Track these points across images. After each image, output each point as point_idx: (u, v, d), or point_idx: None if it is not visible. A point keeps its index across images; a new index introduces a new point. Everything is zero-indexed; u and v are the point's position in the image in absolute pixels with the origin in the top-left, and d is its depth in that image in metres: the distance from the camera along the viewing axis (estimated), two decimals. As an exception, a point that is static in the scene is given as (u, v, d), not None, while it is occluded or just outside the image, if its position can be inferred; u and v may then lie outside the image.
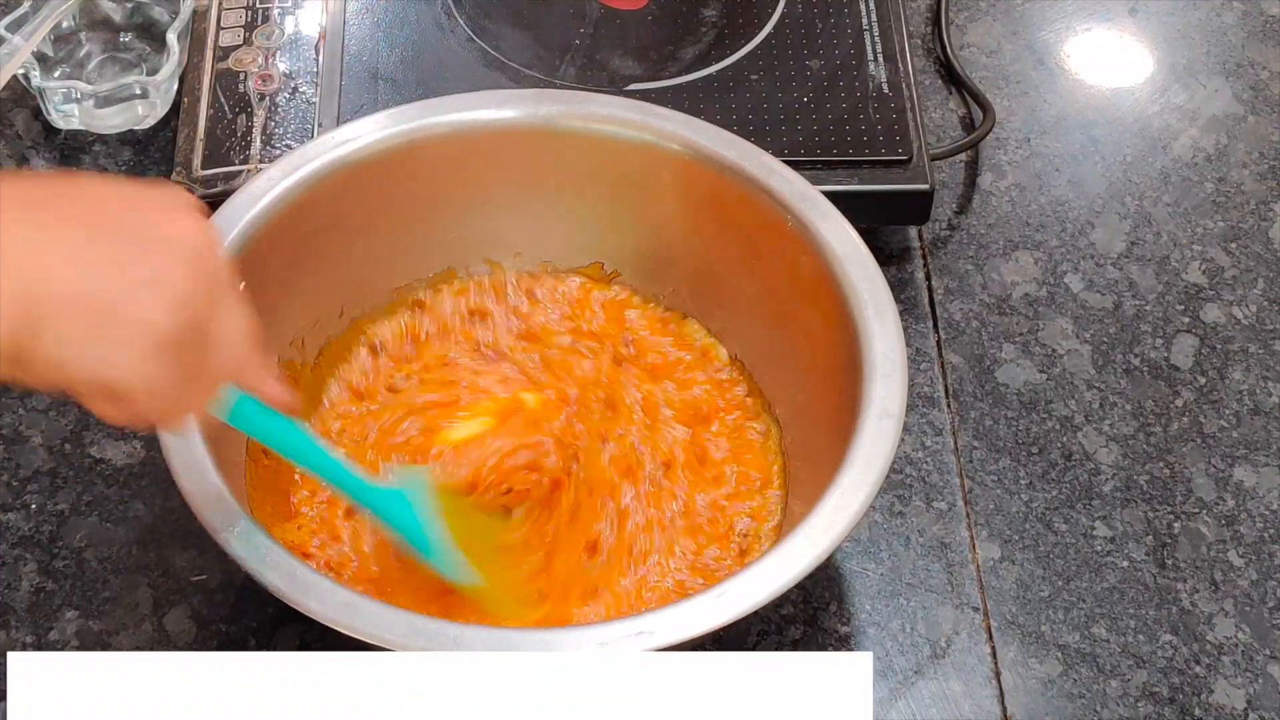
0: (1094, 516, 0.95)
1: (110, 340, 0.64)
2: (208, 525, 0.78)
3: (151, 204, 0.68)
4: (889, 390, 0.83)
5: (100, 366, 0.65)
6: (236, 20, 1.09)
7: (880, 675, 0.89)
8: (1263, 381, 1.01)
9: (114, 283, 0.64)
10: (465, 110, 0.95)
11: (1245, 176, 1.11)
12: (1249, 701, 0.89)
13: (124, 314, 0.64)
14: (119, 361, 0.65)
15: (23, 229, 0.63)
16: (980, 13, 1.19)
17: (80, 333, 0.63)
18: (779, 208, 0.91)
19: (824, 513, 0.79)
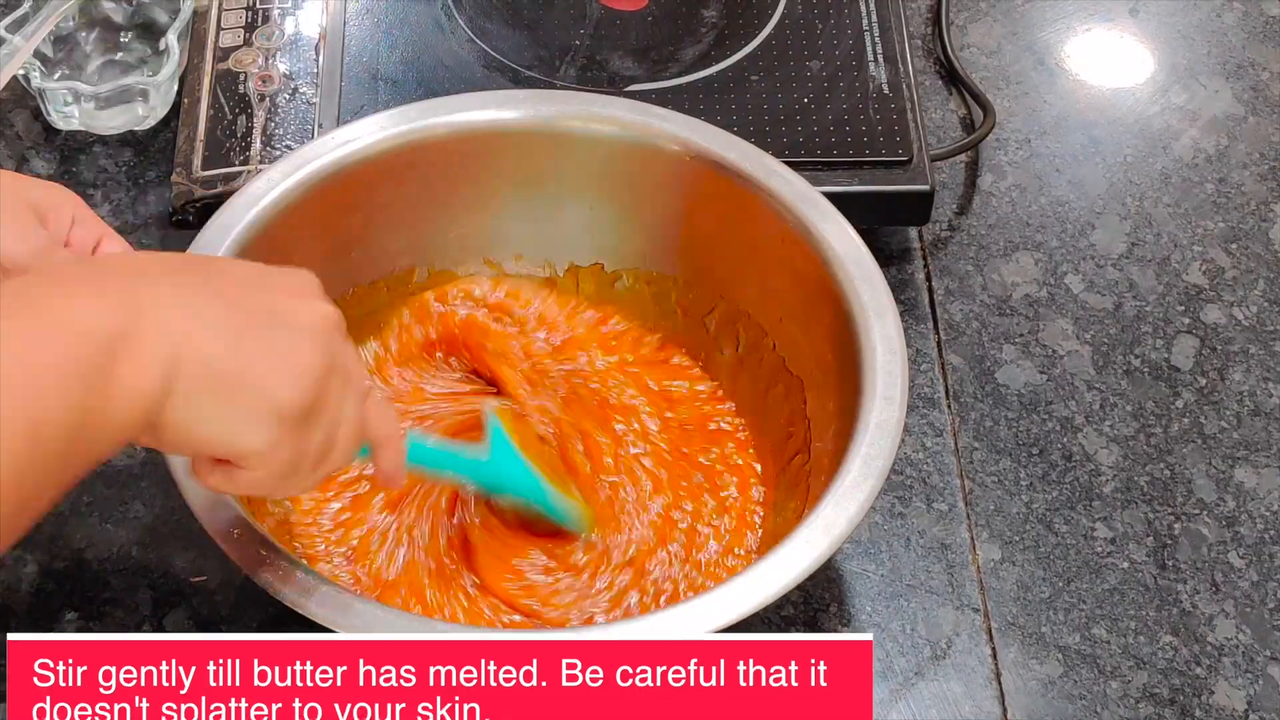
0: (1094, 518, 0.95)
1: (241, 409, 0.66)
2: (207, 526, 0.78)
3: (283, 286, 0.70)
4: (889, 391, 0.83)
5: (226, 434, 0.66)
6: (236, 21, 1.08)
7: (881, 676, 0.89)
8: (1263, 382, 1.01)
9: (250, 355, 0.66)
10: (466, 111, 0.95)
11: (1246, 177, 1.11)
12: (1249, 703, 0.89)
13: (257, 385, 0.66)
14: (245, 431, 0.66)
15: (168, 293, 0.65)
16: (980, 13, 1.19)
17: (213, 399, 0.65)
18: (779, 209, 0.91)
19: (824, 514, 0.79)
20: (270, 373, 0.67)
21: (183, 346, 0.64)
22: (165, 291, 0.65)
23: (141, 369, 0.63)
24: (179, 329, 0.64)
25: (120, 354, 0.62)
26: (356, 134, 0.93)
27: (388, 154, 0.93)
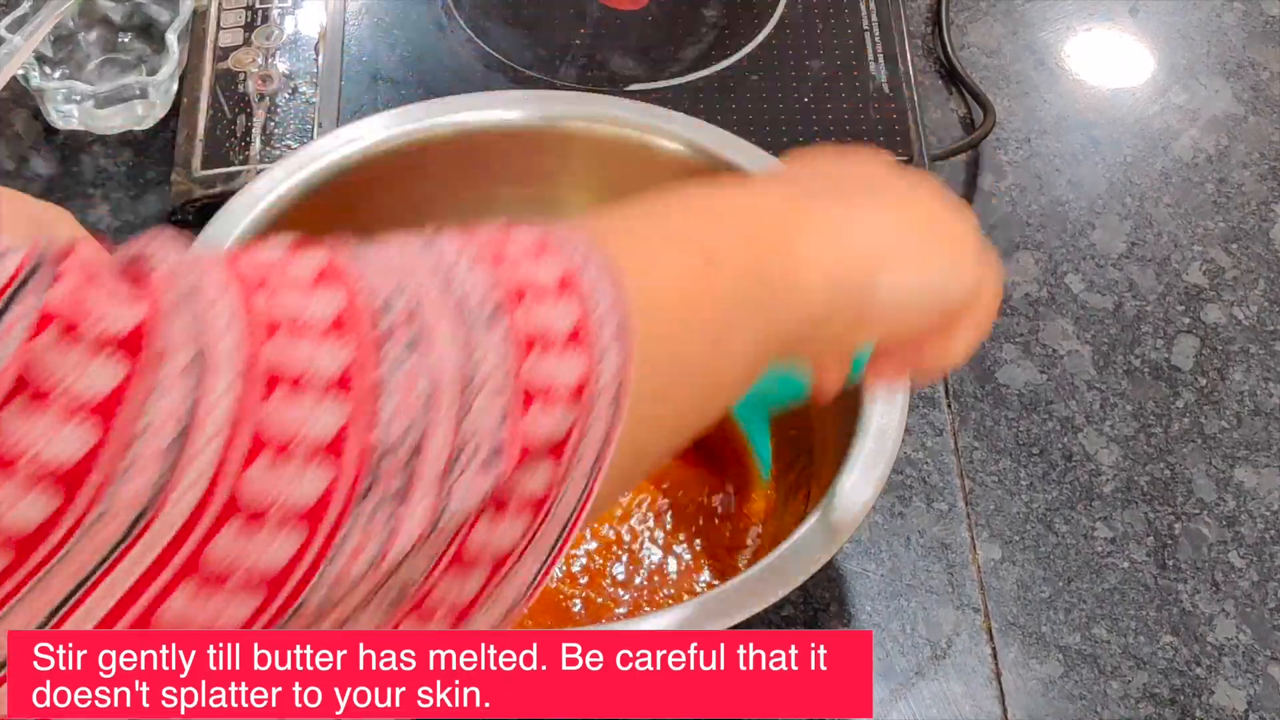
0: (1095, 517, 0.95)
1: (939, 265, 0.67)
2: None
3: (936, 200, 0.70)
4: (890, 394, 0.83)
5: (935, 292, 0.67)
6: (236, 20, 1.08)
7: (881, 676, 0.89)
8: (1263, 382, 1.01)
9: (927, 234, 0.68)
10: (469, 111, 0.95)
11: (1246, 177, 1.11)
12: (1249, 702, 0.89)
13: (943, 245, 0.68)
14: (951, 282, 0.68)
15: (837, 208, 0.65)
16: (980, 13, 1.19)
17: (915, 268, 0.66)
18: (780, 208, 0.90)
19: (824, 515, 0.79)
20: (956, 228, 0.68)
21: (880, 236, 0.65)
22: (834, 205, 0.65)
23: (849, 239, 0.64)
24: (869, 223, 0.65)
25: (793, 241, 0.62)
26: (359, 133, 0.93)
27: (390, 154, 0.93)
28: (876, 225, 0.66)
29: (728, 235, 0.60)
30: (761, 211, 0.63)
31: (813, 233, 0.63)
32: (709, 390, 0.59)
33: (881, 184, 0.70)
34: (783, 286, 0.61)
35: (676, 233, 0.60)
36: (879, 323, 0.66)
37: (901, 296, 0.66)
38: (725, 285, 0.58)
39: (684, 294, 0.57)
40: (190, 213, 1.00)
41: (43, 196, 1.05)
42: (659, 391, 0.54)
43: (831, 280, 0.63)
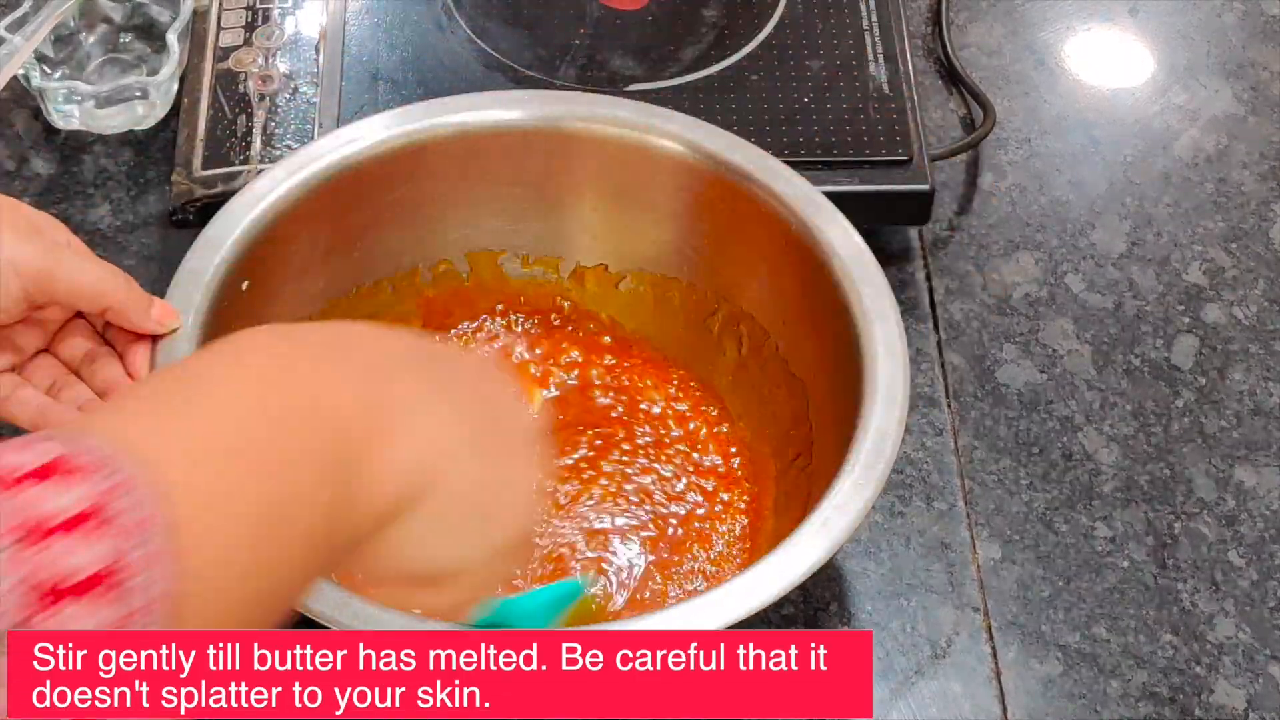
0: (1094, 517, 0.95)
1: (475, 536, 0.62)
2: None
3: (499, 386, 0.67)
4: (890, 394, 0.83)
5: (452, 559, 0.63)
6: (237, 21, 1.08)
7: (881, 675, 0.89)
8: (1263, 382, 1.01)
9: (494, 479, 0.62)
10: (470, 111, 0.95)
11: (1246, 177, 1.11)
12: (1249, 701, 0.89)
13: (496, 513, 0.63)
14: (472, 557, 0.63)
15: (416, 392, 0.60)
16: (981, 13, 1.19)
17: (452, 524, 0.61)
18: (782, 210, 0.90)
19: (824, 515, 0.79)
20: (513, 502, 0.63)
21: (439, 461, 0.60)
22: (414, 387, 0.60)
23: (385, 478, 0.58)
24: (433, 441, 0.60)
25: (366, 457, 0.57)
26: (360, 133, 0.93)
27: (391, 153, 0.93)
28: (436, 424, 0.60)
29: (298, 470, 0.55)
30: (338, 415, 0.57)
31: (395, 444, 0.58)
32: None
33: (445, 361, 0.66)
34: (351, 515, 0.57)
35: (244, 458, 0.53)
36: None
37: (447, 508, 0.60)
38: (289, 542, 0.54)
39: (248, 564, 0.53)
40: (191, 213, 1.00)
41: (43, 196, 1.05)
42: None
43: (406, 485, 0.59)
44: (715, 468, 0.94)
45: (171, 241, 1.04)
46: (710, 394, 0.97)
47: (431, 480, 0.59)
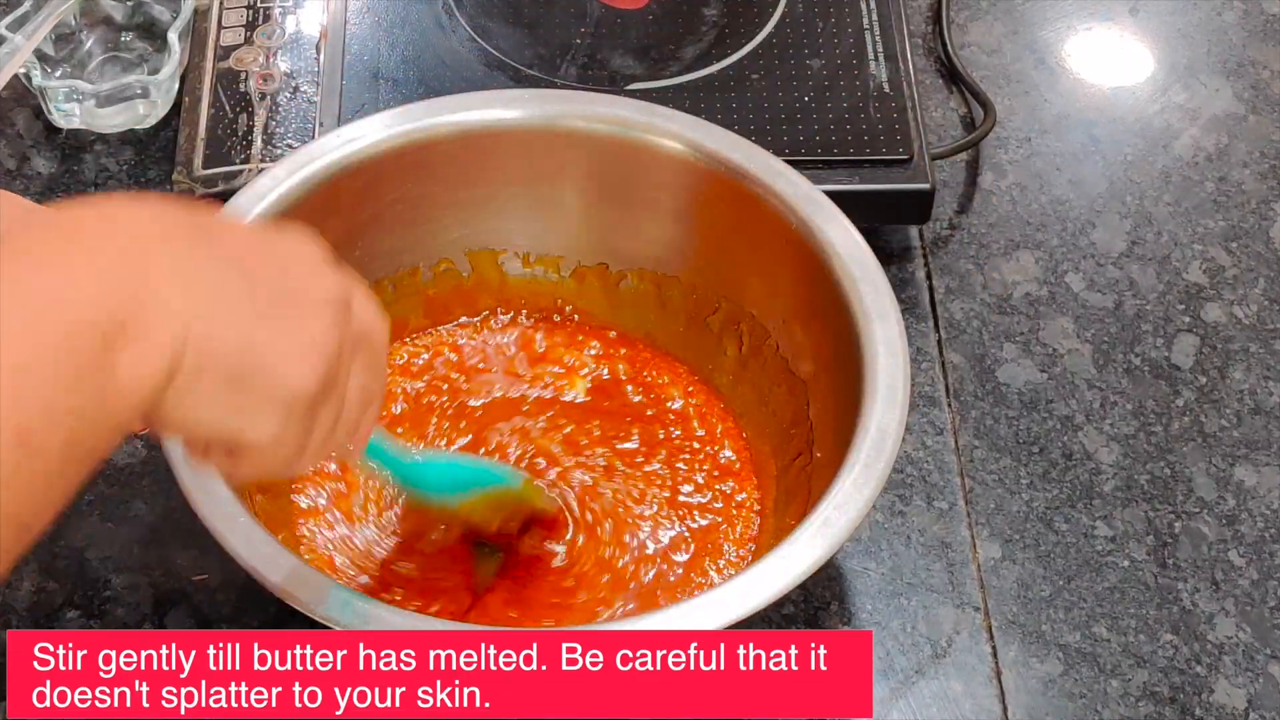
0: (1095, 516, 0.95)
1: (249, 399, 0.62)
2: (209, 524, 0.78)
3: (291, 255, 0.66)
4: (890, 394, 0.83)
5: (232, 425, 0.62)
6: (238, 20, 1.09)
7: (881, 675, 0.89)
8: (1263, 381, 1.01)
9: (261, 341, 0.61)
10: (470, 110, 0.95)
11: (1246, 176, 1.11)
12: (1250, 701, 0.89)
13: (267, 375, 0.62)
14: (253, 422, 0.62)
15: (170, 267, 0.59)
16: (981, 12, 1.19)
17: (219, 390, 0.61)
18: (783, 209, 0.90)
19: (825, 514, 0.79)
20: (281, 360, 0.62)
21: (191, 330, 0.59)
22: (168, 265, 0.59)
23: (143, 361, 0.58)
24: (186, 313, 0.59)
25: (121, 346, 0.57)
26: (361, 132, 0.93)
27: (392, 152, 0.93)
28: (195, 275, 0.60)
29: (47, 388, 0.55)
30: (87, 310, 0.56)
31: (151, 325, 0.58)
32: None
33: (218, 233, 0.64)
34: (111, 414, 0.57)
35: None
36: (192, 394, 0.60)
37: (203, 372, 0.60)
38: (45, 465, 0.55)
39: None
40: (191, 212, 1.00)
41: (44, 195, 1.05)
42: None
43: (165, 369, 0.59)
44: (714, 469, 0.94)
45: (172, 240, 1.04)
46: (711, 393, 0.97)
47: (195, 351, 0.59)
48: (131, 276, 0.58)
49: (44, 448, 0.55)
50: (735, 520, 0.92)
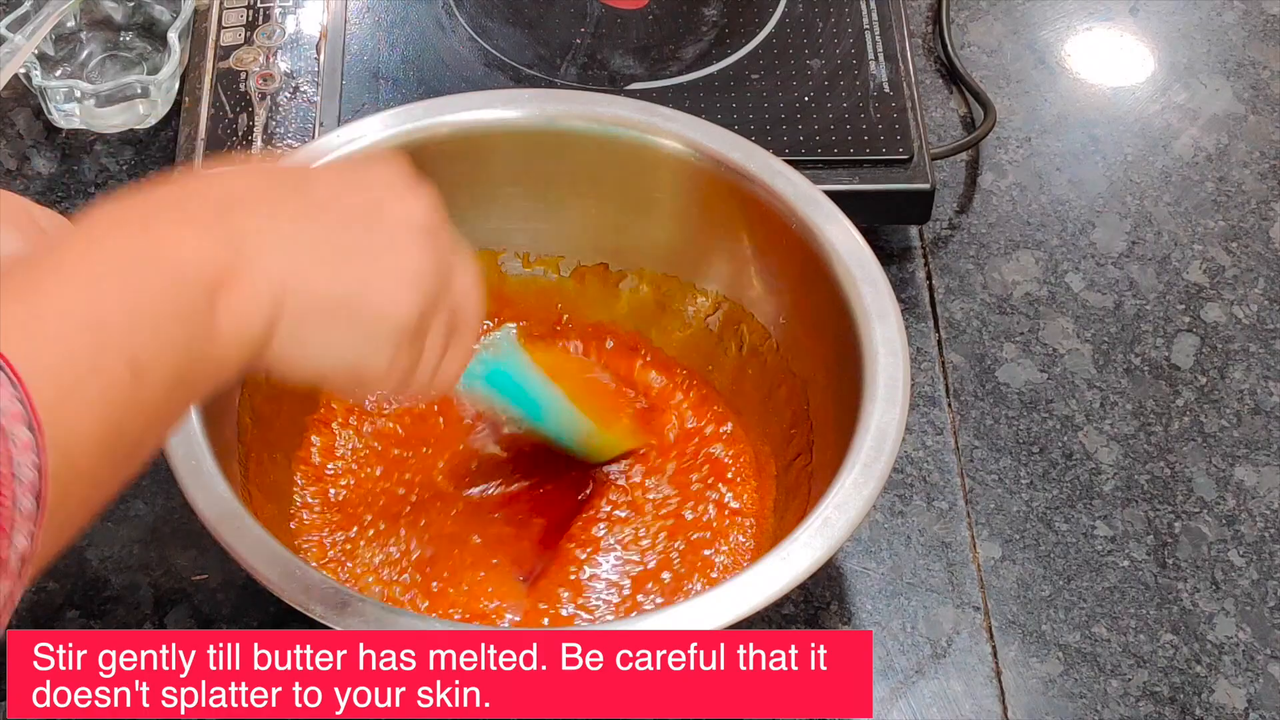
0: (1095, 516, 0.95)
1: (355, 335, 0.65)
2: (208, 524, 0.78)
3: (374, 185, 0.69)
4: (890, 394, 0.83)
5: (344, 360, 0.66)
6: (238, 20, 1.09)
7: (881, 675, 0.89)
8: (1263, 381, 1.01)
9: (356, 276, 0.65)
10: (470, 110, 0.95)
11: (1246, 176, 1.11)
12: (1250, 701, 0.89)
13: (368, 308, 0.65)
14: (364, 354, 0.66)
15: (265, 224, 0.63)
16: (981, 12, 1.19)
17: (325, 330, 0.65)
18: (783, 209, 0.91)
19: (825, 514, 0.79)
20: (381, 294, 0.66)
21: (288, 281, 0.63)
22: (262, 222, 0.63)
23: (245, 310, 0.62)
24: (281, 263, 0.63)
25: (222, 294, 0.61)
26: (360, 132, 0.93)
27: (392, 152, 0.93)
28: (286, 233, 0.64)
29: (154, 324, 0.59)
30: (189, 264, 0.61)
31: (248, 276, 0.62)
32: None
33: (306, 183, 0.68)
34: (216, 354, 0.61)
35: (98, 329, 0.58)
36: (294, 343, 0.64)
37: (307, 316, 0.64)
38: (153, 394, 0.59)
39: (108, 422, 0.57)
40: (191, 212, 1.00)
41: (44, 195, 1.05)
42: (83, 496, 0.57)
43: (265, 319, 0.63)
44: (714, 469, 0.94)
45: (172, 240, 1.04)
46: (711, 393, 0.97)
47: (294, 301, 0.63)
48: (227, 237, 0.62)
49: (152, 378, 0.58)
50: (735, 520, 0.92)
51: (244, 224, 0.63)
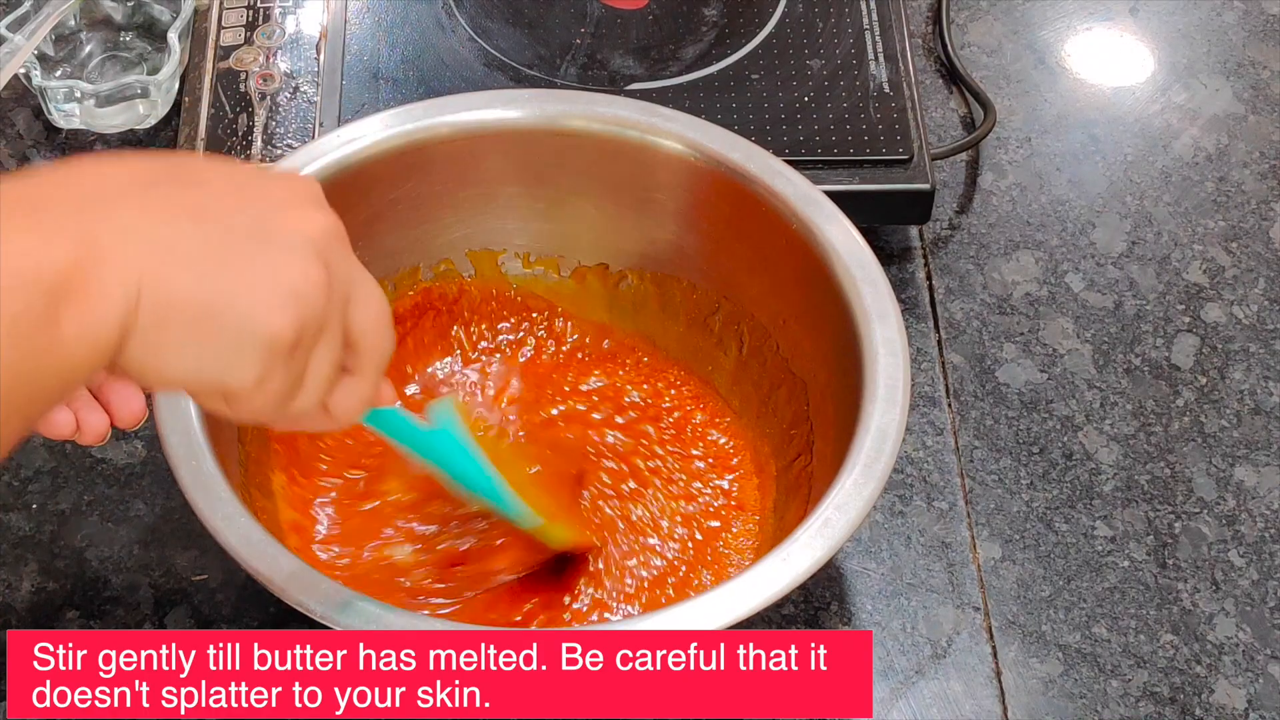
0: (1095, 516, 0.95)
1: (218, 346, 0.60)
2: (208, 524, 0.78)
3: (273, 193, 0.64)
4: (891, 394, 0.83)
5: (205, 370, 0.61)
6: (238, 20, 1.09)
7: (881, 675, 0.89)
8: (1263, 381, 1.01)
9: (228, 281, 0.60)
10: (470, 110, 0.95)
11: (1246, 176, 1.11)
12: (1250, 701, 0.89)
13: (236, 316, 0.60)
14: (228, 368, 0.61)
15: (131, 215, 0.59)
16: (981, 12, 1.19)
17: (183, 337, 0.59)
18: (783, 209, 0.90)
19: (825, 515, 0.79)
20: (253, 299, 0.60)
21: (146, 282, 0.58)
22: (127, 217, 0.59)
23: (93, 312, 0.57)
24: (141, 262, 0.58)
25: (68, 297, 0.56)
26: (360, 132, 0.93)
27: (391, 152, 0.93)
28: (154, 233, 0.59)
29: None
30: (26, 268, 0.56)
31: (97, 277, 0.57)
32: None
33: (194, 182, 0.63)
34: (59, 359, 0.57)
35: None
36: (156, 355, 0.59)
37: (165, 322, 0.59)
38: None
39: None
40: (191, 212, 1.00)
41: (44, 196, 1.05)
42: None
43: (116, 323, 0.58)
44: (714, 469, 0.94)
45: (172, 240, 1.04)
46: (711, 393, 0.97)
47: (152, 302, 0.58)
48: (82, 232, 0.57)
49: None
50: (735, 520, 0.92)
51: (106, 221, 0.58)
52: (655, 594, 0.89)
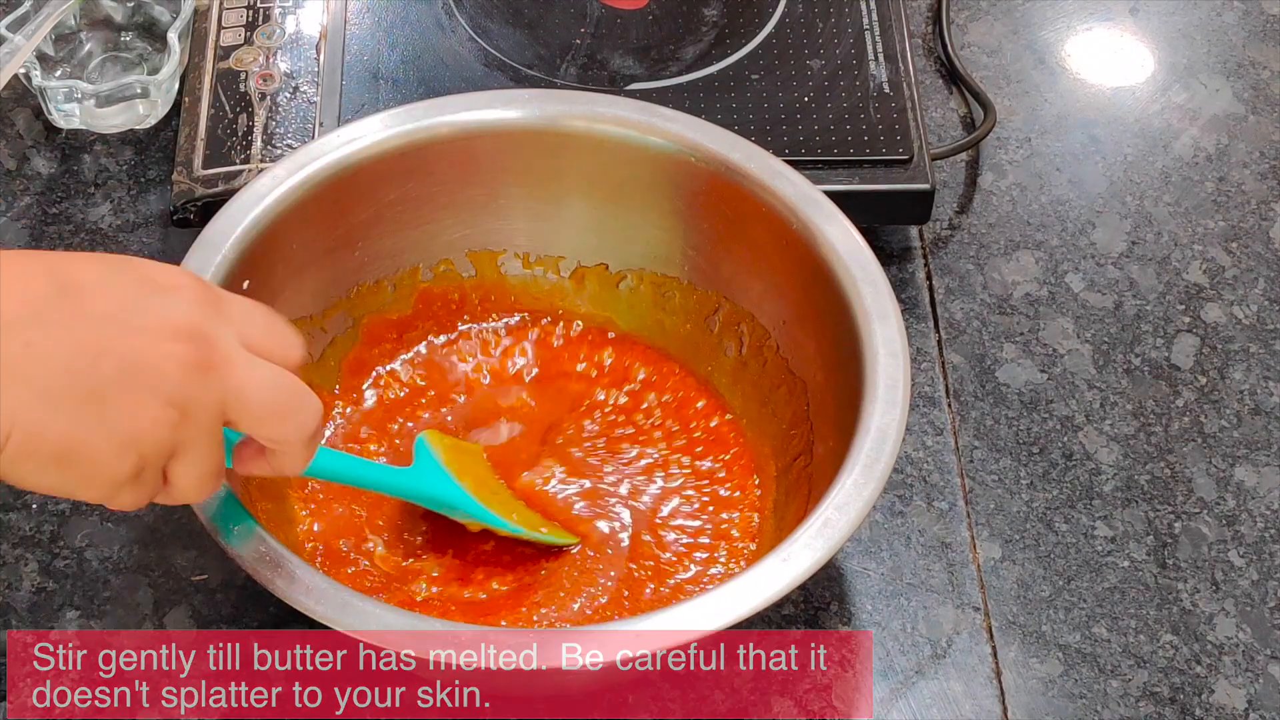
0: (1095, 516, 0.95)
1: (73, 478, 0.67)
2: (208, 524, 0.78)
3: (151, 322, 0.68)
4: (891, 395, 0.83)
5: (66, 492, 0.68)
6: (237, 20, 1.09)
7: (881, 675, 0.89)
8: (1263, 381, 1.01)
9: (83, 434, 0.66)
10: (470, 110, 0.95)
11: (1246, 176, 1.11)
12: (1250, 701, 0.89)
13: (87, 459, 0.67)
14: (84, 492, 0.68)
15: (15, 355, 0.65)
16: (981, 12, 1.19)
17: (49, 469, 0.66)
18: (783, 209, 0.90)
19: (825, 515, 0.79)
20: (98, 452, 0.67)
21: (18, 422, 0.65)
22: (15, 351, 0.65)
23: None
24: (15, 405, 0.65)
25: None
26: (360, 132, 0.93)
27: (391, 153, 0.93)
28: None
29: None
30: None
31: None
32: None
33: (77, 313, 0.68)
34: None
35: None
36: None
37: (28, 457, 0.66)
38: None
39: None
40: (191, 212, 1.00)
41: (44, 195, 1.05)
42: None
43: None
44: (715, 469, 0.94)
45: (172, 241, 1.04)
46: (711, 393, 0.97)
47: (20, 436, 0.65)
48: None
49: None
50: (735, 520, 0.92)
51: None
52: (655, 594, 0.89)
